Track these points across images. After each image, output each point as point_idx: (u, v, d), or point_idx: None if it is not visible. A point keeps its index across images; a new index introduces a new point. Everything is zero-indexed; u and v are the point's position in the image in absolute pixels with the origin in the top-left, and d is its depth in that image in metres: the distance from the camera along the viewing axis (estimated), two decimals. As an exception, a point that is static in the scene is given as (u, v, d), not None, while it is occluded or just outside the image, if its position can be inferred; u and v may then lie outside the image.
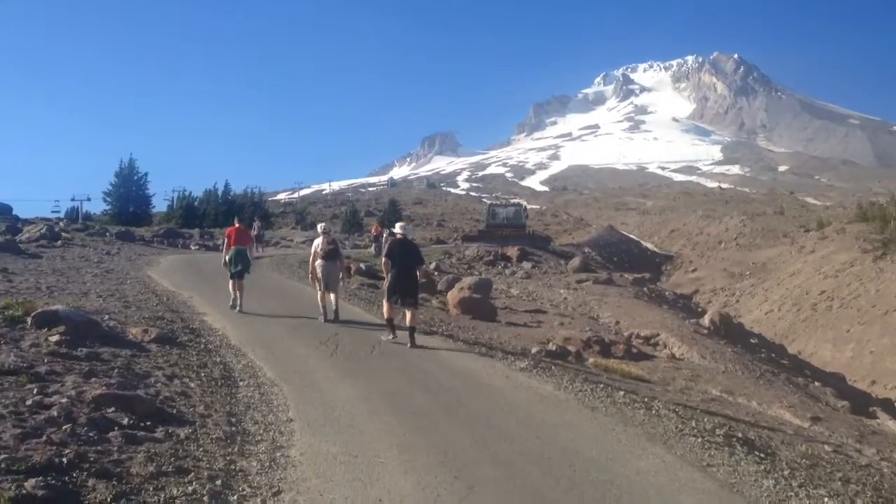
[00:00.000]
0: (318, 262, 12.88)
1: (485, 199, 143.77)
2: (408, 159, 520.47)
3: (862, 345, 32.21)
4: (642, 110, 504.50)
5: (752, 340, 25.78)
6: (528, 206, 63.73)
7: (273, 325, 11.98)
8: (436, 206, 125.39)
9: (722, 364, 17.17)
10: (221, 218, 59.40)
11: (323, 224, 13.94)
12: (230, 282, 13.72)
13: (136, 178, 57.19)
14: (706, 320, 24.60)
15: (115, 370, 7.33)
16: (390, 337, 11.18)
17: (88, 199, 64.50)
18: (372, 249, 36.18)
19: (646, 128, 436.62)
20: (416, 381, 8.63)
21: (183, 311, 12.54)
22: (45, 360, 7.11)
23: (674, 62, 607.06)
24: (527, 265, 36.36)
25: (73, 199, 65.16)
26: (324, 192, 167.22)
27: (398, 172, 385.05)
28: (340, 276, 13.23)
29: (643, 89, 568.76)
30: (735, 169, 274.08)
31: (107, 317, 10.37)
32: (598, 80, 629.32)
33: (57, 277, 14.78)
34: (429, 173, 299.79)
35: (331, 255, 12.89)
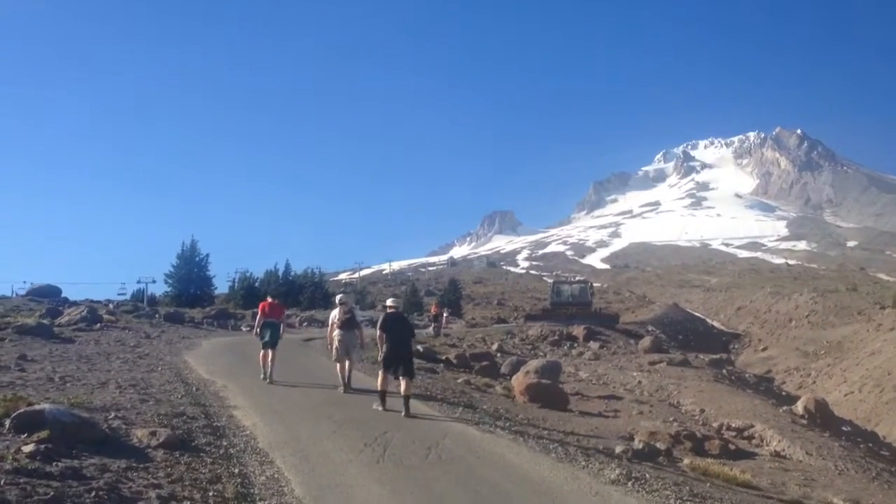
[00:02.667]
0: (336, 331, 13.46)
1: (545, 278, 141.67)
2: (468, 238, 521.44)
3: (956, 431, 29.13)
4: (704, 187, 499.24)
5: (844, 428, 23.18)
6: (593, 283, 61.52)
7: (311, 421, 10.19)
8: (496, 285, 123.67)
9: (831, 462, 14.80)
10: (280, 299, 58.74)
11: (341, 295, 14.98)
12: (261, 352, 14.18)
13: (197, 259, 57.06)
14: (800, 408, 22.11)
15: (93, 493, 5.60)
16: (381, 408, 11.36)
17: (153, 282, 64.33)
18: (430, 330, 34.52)
19: (708, 204, 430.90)
20: (483, 501, 6.75)
21: (211, 404, 10.87)
22: (1, 483, 5.44)
23: (735, 138, 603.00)
24: (594, 345, 34.29)
25: (138, 282, 65.23)
26: (384, 272, 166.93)
27: (458, 251, 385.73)
28: (357, 344, 13.81)
29: (704, 166, 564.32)
30: (802, 245, 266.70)
31: (113, 414, 8.73)
32: (658, 157, 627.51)
33: (79, 365, 13.30)
34: (489, 252, 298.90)
35: (347, 324, 13.46)
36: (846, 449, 16.82)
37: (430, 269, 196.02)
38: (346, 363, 13.32)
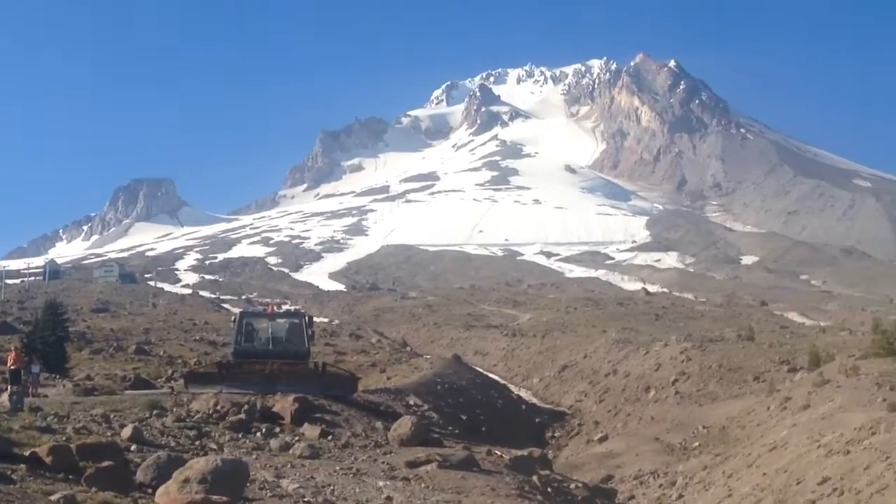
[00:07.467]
0: None
1: (227, 305, 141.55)
2: (85, 228, 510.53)
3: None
4: (514, 151, 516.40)
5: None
6: (314, 318, 62.21)
7: None
8: (135, 317, 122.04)
9: None
10: None
11: None
12: None
13: None
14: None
15: None
16: None
17: None
18: (5, 398, 33.31)
19: (520, 182, 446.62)
20: None
21: None
22: None
23: (569, 69, 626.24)
24: (312, 430, 34.71)
25: None
26: None
27: (64, 251, 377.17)
28: None
29: (516, 114, 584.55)
30: (671, 259, 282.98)
31: None
32: (437, 94, 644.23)
33: None
34: (125, 254, 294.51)
35: None
36: None
37: (10, 282, 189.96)
38: None
